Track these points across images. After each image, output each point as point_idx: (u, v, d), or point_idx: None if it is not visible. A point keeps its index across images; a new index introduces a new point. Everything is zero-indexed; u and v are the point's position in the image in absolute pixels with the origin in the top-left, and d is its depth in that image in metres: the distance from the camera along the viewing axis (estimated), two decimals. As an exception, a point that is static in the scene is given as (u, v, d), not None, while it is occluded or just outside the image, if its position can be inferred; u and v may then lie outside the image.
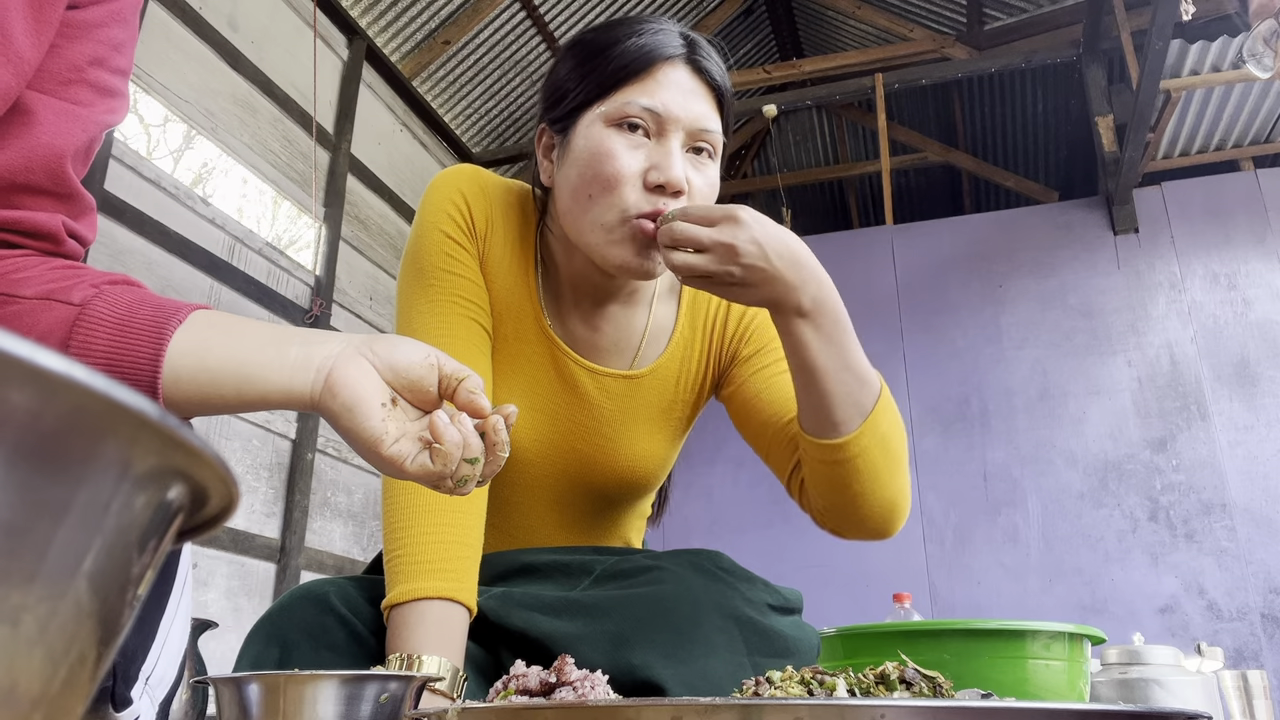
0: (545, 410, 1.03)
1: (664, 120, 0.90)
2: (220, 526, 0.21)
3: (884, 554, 3.84)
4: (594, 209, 0.91)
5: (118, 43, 0.71)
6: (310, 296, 3.69)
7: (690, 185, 0.91)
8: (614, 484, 1.06)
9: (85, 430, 0.15)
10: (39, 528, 0.15)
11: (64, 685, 0.16)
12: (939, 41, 5.10)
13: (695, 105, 0.92)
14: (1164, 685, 1.12)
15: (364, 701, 0.64)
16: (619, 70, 0.91)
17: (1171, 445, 3.74)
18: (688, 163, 0.92)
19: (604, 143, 0.90)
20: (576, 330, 1.04)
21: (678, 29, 0.96)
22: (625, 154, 0.89)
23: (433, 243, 0.99)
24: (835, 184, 6.97)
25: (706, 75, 0.94)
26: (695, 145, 0.92)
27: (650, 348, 1.06)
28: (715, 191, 0.95)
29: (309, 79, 3.77)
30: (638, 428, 1.05)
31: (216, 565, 3.11)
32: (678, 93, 0.91)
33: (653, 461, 1.07)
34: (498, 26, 4.64)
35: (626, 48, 0.92)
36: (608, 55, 0.93)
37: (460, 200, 1.00)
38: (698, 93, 0.93)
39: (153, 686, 0.65)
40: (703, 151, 0.93)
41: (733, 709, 0.38)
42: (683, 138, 0.91)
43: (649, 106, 0.90)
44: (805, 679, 0.61)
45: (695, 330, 1.07)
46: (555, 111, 0.97)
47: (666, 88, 0.91)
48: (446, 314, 0.97)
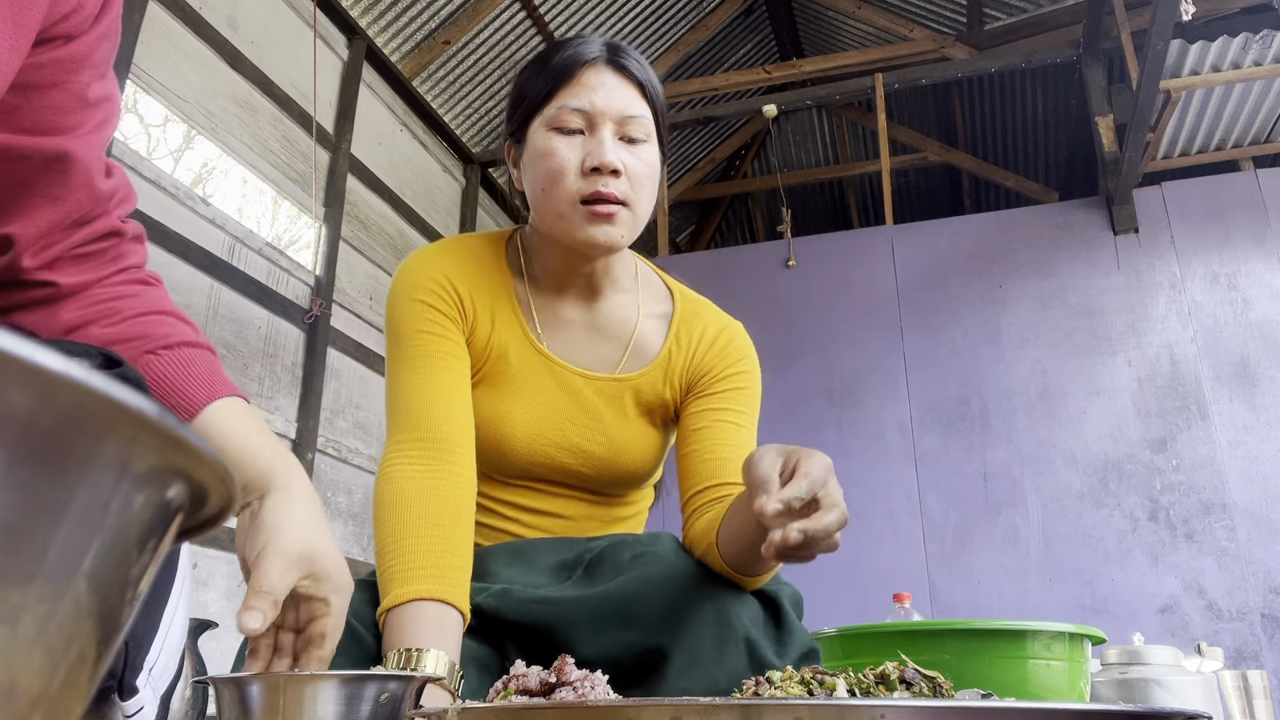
0: (550, 416, 1.14)
1: (591, 115, 1.05)
2: (220, 526, 0.21)
3: (884, 554, 3.84)
4: (550, 200, 1.06)
5: (107, 56, 0.74)
6: (310, 296, 3.69)
7: (626, 166, 1.04)
8: (614, 470, 1.16)
9: (85, 430, 0.15)
10: (39, 527, 0.15)
11: (63, 684, 0.16)
12: (939, 41, 5.10)
13: (619, 97, 1.06)
14: (1164, 685, 1.12)
15: (364, 701, 0.64)
16: (550, 81, 1.07)
17: (1171, 445, 3.74)
18: (621, 148, 1.05)
19: (547, 143, 1.06)
20: (570, 341, 1.17)
21: (601, 39, 1.11)
22: (564, 149, 1.05)
23: (411, 311, 1.11)
24: (835, 184, 6.97)
25: (626, 71, 1.08)
26: (626, 132, 1.06)
27: (636, 356, 1.18)
28: (655, 170, 1.09)
29: (309, 79, 3.77)
30: (626, 423, 1.16)
31: (216, 565, 3.11)
32: (601, 90, 1.06)
33: (643, 452, 1.17)
34: (498, 26, 4.64)
35: (555, 62, 1.08)
36: (542, 71, 1.09)
37: (437, 274, 1.13)
38: (620, 86, 1.07)
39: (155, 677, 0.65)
40: (635, 138, 1.07)
41: (733, 709, 0.38)
42: (612, 127, 1.05)
43: (576, 106, 1.05)
44: (805, 679, 0.61)
45: (680, 351, 1.18)
46: (511, 125, 1.14)
47: (592, 88, 1.06)
48: (430, 368, 1.08)
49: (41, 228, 0.72)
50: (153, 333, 0.75)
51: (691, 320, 1.19)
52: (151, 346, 0.74)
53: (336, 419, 3.85)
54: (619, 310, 1.17)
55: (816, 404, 4.12)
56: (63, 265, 0.75)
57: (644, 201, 1.07)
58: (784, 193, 5.27)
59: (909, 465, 3.97)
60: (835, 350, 4.17)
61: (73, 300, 0.76)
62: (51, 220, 0.72)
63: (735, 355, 1.18)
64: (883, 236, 4.36)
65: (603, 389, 1.15)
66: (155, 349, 0.74)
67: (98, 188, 0.75)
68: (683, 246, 7.25)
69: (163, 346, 0.75)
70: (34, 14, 0.64)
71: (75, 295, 0.76)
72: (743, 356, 1.19)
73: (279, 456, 0.76)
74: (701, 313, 1.20)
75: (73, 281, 0.75)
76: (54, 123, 0.70)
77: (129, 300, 0.77)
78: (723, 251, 4.82)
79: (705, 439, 1.12)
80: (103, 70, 0.73)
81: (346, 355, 3.92)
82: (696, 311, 1.20)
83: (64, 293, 0.75)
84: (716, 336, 1.18)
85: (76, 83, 0.70)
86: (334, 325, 3.79)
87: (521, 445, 1.12)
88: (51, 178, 0.71)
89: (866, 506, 3.92)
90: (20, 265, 0.73)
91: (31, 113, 0.68)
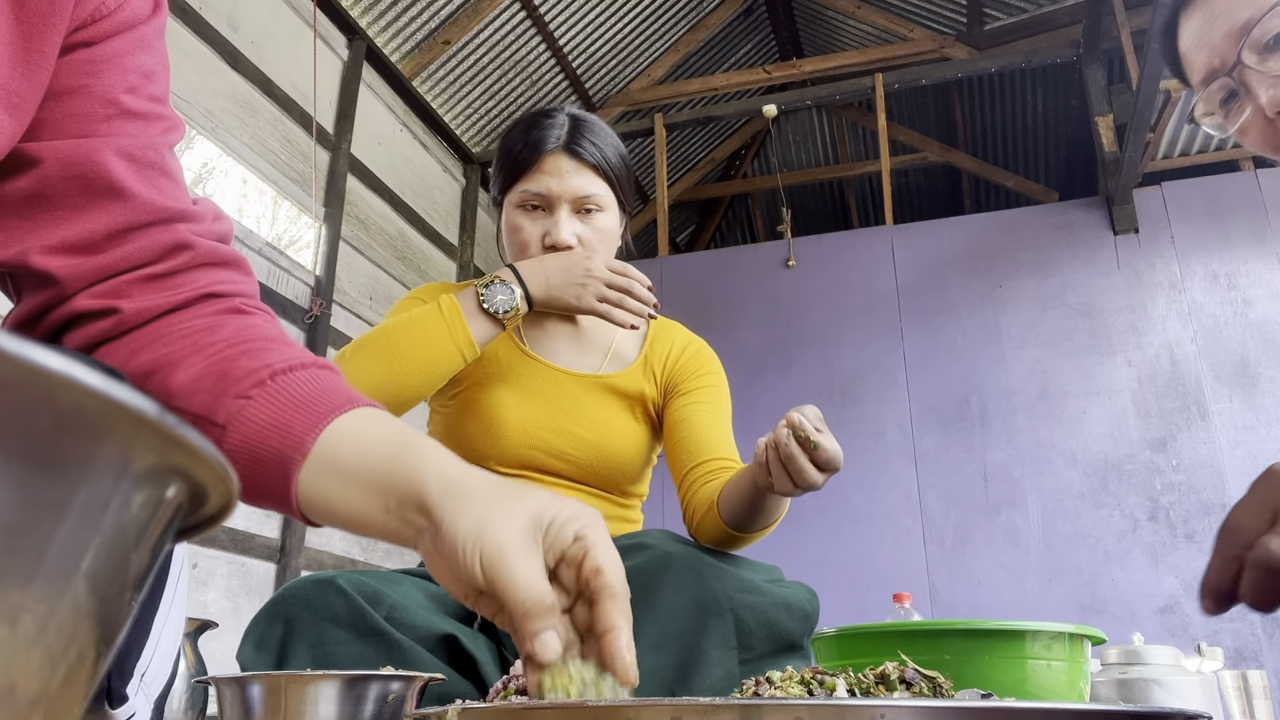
0: (540, 404, 1.26)
1: (549, 199, 1.22)
2: (219, 525, 0.21)
3: (884, 554, 3.84)
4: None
5: (147, 70, 0.68)
6: (310, 296, 3.69)
7: (580, 238, 1.22)
8: (604, 453, 1.25)
9: (84, 429, 0.15)
10: (39, 527, 0.15)
11: (63, 684, 0.16)
12: (939, 41, 5.10)
13: (573, 182, 1.22)
14: (1164, 685, 1.12)
15: (366, 702, 0.64)
16: (515, 167, 1.24)
17: (1171, 445, 3.74)
18: (576, 221, 1.23)
19: (514, 219, 1.25)
20: (555, 352, 1.31)
21: (566, 115, 1.26)
22: (528, 226, 1.24)
23: (401, 306, 1.27)
24: (835, 184, 6.97)
25: (580, 156, 1.23)
26: (582, 206, 1.23)
27: (615, 361, 1.32)
28: (610, 233, 1.25)
29: (309, 79, 3.77)
30: (611, 414, 1.28)
31: (216, 565, 3.11)
32: (557, 176, 1.22)
33: (626, 437, 1.27)
34: (498, 26, 4.64)
35: (521, 145, 1.24)
36: (510, 155, 1.25)
37: (434, 290, 1.28)
38: (576, 170, 1.23)
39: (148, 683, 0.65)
40: (590, 209, 1.23)
41: (733, 709, 0.38)
42: (569, 206, 1.22)
43: (537, 191, 1.22)
44: (805, 679, 0.61)
45: (656, 357, 1.33)
46: (493, 193, 1.32)
47: (550, 174, 1.22)
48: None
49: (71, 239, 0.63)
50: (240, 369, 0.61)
51: (664, 335, 1.35)
52: (242, 389, 0.60)
53: (336, 419, 3.84)
54: (599, 326, 1.34)
55: (816, 404, 4.11)
56: (124, 289, 0.64)
57: (599, 258, 1.23)
58: (784, 193, 5.27)
59: (909, 465, 3.97)
60: (835, 350, 4.17)
61: (145, 333, 0.64)
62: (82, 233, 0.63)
63: (703, 360, 1.33)
64: (883, 236, 4.36)
65: (585, 384, 1.28)
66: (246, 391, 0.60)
67: (142, 196, 0.65)
68: (683, 246, 7.25)
69: (254, 384, 0.60)
70: (47, 38, 0.60)
71: (147, 326, 0.64)
72: (710, 361, 1.34)
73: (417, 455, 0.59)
74: (671, 329, 1.37)
75: (138, 307, 0.64)
76: (80, 130, 0.63)
77: (212, 333, 0.64)
78: (723, 251, 4.82)
79: (687, 425, 1.26)
80: (134, 82, 0.66)
81: (346, 355, 3.92)
82: (667, 328, 1.37)
83: (129, 321, 0.64)
84: (685, 347, 1.34)
85: (99, 86, 0.64)
86: (334, 325, 3.79)
87: (515, 428, 1.23)
88: (72, 185, 0.63)
89: (866, 506, 3.92)
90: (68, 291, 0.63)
91: (54, 124, 0.62)
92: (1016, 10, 4.94)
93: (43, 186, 0.62)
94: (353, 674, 0.65)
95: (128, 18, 0.67)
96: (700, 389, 1.30)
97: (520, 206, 1.24)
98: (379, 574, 1.05)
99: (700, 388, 1.30)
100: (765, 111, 4.60)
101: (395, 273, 4.36)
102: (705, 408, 1.28)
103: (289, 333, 3.96)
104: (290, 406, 0.59)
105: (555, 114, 1.27)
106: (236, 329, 0.64)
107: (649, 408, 1.31)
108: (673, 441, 1.27)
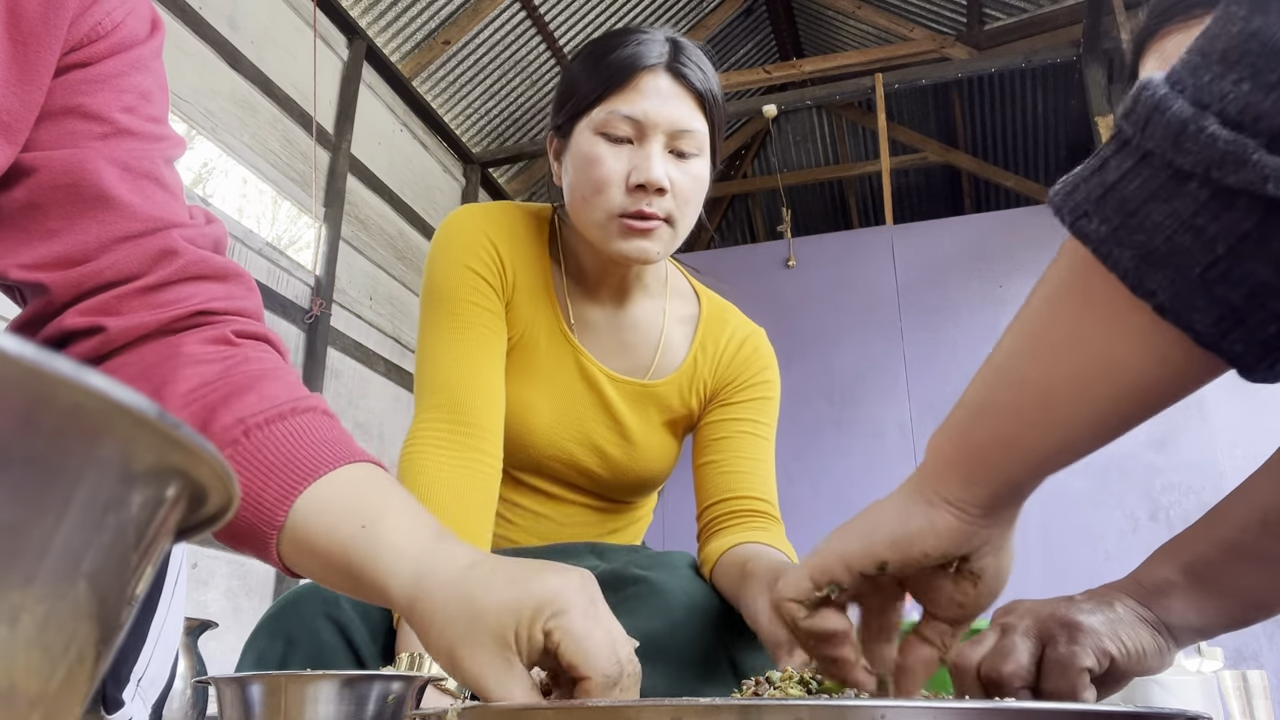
0: (573, 411, 1.11)
1: (644, 126, 0.99)
2: (219, 525, 0.21)
3: (884, 554, 3.83)
4: (587, 208, 1.01)
5: (144, 90, 0.67)
6: (310, 296, 3.69)
7: (673, 183, 1.00)
8: (628, 476, 1.14)
9: (83, 429, 0.15)
10: (39, 527, 0.15)
11: (62, 685, 0.16)
12: (939, 41, 5.10)
13: (675, 109, 1.00)
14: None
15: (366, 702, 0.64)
16: (605, 81, 1.00)
17: (1171, 445, 3.74)
18: (670, 162, 1.00)
19: (593, 149, 1.00)
20: (600, 341, 1.13)
21: (665, 36, 1.04)
22: (610, 159, 0.99)
23: (460, 278, 1.06)
24: (835, 184, 6.97)
25: (686, 80, 1.01)
26: (677, 146, 1.01)
27: (664, 363, 1.15)
28: (703, 185, 1.04)
29: (309, 79, 3.77)
30: (649, 430, 1.14)
31: (216, 565, 3.11)
32: (657, 99, 0.99)
33: (661, 460, 1.15)
34: (498, 26, 4.64)
35: (612, 60, 1.01)
36: (597, 68, 1.02)
37: (485, 240, 1.08)
38: (678, 96, 1.01)
39: (144, 688, 0.64)
40: (686, 152, 1.01)
41: (733, 709, 0.38)
42: (664, 140, 1.00)
43: (629, 115, 0.99)
44: (805, 679, 0.61)
45: (706, 358, 1.16)
46: (557, 119, 1.07)
47: (647, 95, 0.99)
48: (470, 343, 1.04)
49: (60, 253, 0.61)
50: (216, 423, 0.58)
51: (717, 326, 1.17)
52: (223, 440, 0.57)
53: (336, 419, 3.85)
54: (645, 315, 1.15)
55: (816, 404, 4.12)
56: (113, 305, 0.61)
57: (687, 218, 1.04)
58: (784, 193, 5.27)
59: (909, 465, 3.97)
60: (835, 350, 4.17)
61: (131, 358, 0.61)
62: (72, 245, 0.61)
63: (759, 364, 1.16)
64: (883, 236, 4.36)
65: (628, 393, 1.13)
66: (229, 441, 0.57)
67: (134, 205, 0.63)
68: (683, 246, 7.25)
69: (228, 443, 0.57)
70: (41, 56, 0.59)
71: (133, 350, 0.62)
72: (766, 366, 1.17)
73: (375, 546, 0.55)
74: (728, 318, 1.19)
75: (125, 325, 0.61)
76: (74, 145, 0.62)
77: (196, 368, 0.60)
78: (723, 251, 4.82)
79: (725, 450, 1.10)
80: (131, 102, 0.65)
81: (347, 355, 3.92)
82: (722, 317, 1.19)
83: (116, 341, 0.61)
84: (742, 344, 1.17)
85: (95, 105, 0.63)
86: (334, 325, 3.79)
87: (542, 438, 1.10)
88: (63, 195, 0.61)
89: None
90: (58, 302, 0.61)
91: (48, 143, 0.61)
92: (1016, 10, 4.94)
93: (36, 196, 0.61)
94: (353, 674, 0.65)
95: (124, 38, 0.66)
96: (750, 402, 1.14)
97: (602, 134, 1.00)
98: None
99: (750, 400, 1.14)
100: (765, 111, 4.60)
101: (395, 273, 4.36)
102: (749, 429, 1.12)
103: (289, 332, 3.91)
104: (263, 472, 0.57)
105: (651, 30, 1.04)
106: (222, 369, 0.61)
107: (692, 420, 1.17)
108: (701, 461, 1.12)
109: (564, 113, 1.05)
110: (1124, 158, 0.42)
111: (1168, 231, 0.40)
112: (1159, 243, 0.40)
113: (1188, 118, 0.39)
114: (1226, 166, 0.38)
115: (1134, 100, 0.42)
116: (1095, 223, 0.42)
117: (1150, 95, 0.41)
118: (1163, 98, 0.41)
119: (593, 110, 1.01)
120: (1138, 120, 0.42)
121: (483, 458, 1.00)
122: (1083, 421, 0.47)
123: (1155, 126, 0.40)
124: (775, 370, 1.19)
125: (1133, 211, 0.41)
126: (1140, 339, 0.42)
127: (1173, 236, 0.40)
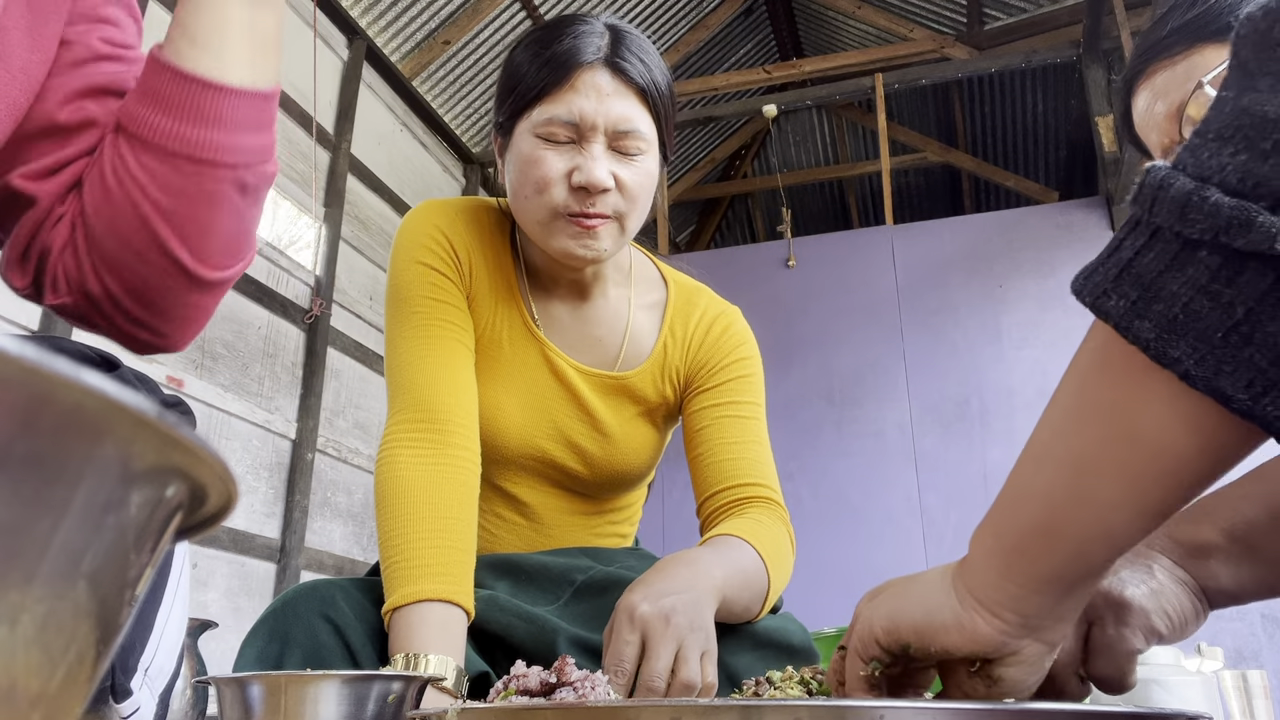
0: (543, 409, 1.09)
1: (582, 128, 0.95)
2: (219, 525, 0.21)
3: (883, 553, 3.84)
4: (529, 208, 0.98)
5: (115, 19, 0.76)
6: (310, 296, 3.69)
7: (618, 180, 0.96)
8: (608, 472, 1.11)
9: (83, 429, 0.15)
10: (38, 527, 0.15)
11: (62, 685, 0.16)
12: (939, 41, 5.10)
13: (614, 107, 0.95)
14: (1164, 685, 1.12)
15: (366, 702, 0.64)
16: (541, 81, 0.96)
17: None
18: (614, 160, 0.96)
19: (533, 151, 0.96)
20: (565, 334, 1.10)
21: (605, 24, 0.99)
22: (551, 159, 0.95)
23: (415, 275, 1.03)
24: (835, 184, 6.97)
25: (625, 75, 0.96)
26: (620, 145, 0.96)
27: (632, 353, 1.12)
28: (652, 179, 1.00)
29: (309, 79, 3.77)
30: (624, 423, 1.11)
31: (216, 565, 3.11)
32: (595, 98, 0.95)
33: (641, 453, 1.12)
34: (498, 26, 4.64)
35: (549, 56, 0.96)
36: (534, 63, 0.97)
37: (438, 234, 1.05)
38: (618, 93, 0.96)
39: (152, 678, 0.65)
40: (630, 151, 0.97)
41: (732, 709, 0.38)
42: (605, 140, 0.96)
43: (567, 120, 0.95)
44: (805, 679, 0.61)
45: (675, 343, 1.12)
46: (499, 115, 1.03)
47: (585, 95, 0.95)
48: (434, 340, 1.01)
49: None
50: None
51: (686, 309, 1.13)
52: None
53: (336, 419, 3.85)
54: (609, 306, 1.11)
55: (816, 404, 4.12)
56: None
57: (636, 214, 0.99)
58: (784, 193, 5.27)
59: (909, 465, 3.97)
60: (835, 350, 4.17)
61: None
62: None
63: (733, 343, 1.12)
64: (883, 236, 4.36)
65: (599, 386, 1.09)
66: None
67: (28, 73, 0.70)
68: (682, 246, 7.25)
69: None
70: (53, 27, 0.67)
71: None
72: (741, 343, 1.13)
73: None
74: (696, 300, 1.15)
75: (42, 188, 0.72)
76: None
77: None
78: (723, 251, 4.82)
79: (711, 439, 1.07)
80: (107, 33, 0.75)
81: (347, 355, 3.92)
82: (691, 300, 1.15)
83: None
84: (712, 324, 1.13)
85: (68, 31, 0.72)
86: (334, 325, 3.79)
87: (515, 438, 1.06)
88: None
89: (866, 507, 3.92)
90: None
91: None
92: (1016, 10, 4.94)
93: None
94: (353, 674, 0.65)
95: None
96: (728, 384, 1.09)
97: (541, 137, 0.96)
98: (377, 583, 0.98)
99: (728, 381, 1.09)
100: (765, 111, 4.60)
101: (395, 273, 4.36)
102: (733, 412, 1.08)
103: (289, 332, 3.90)
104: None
105: (590, 20, 0.99)
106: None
107: (669, 408, 1.13)
108: (694, 454, 1.08)
109: (504, 110, 1.01)
110: (1136, 236, 0.43)
111: (1185, 299, 0.41)
112: (1177, 310, 0.41)
113: (1191, 190, 0.40)
114: (1234, 230, 0.39)
115: (1140, 184, 0.44)
116: (1115, 299, 0.43)
117: (1154, 177, 0.43)
118: (1165, 176, 0.42)
119: (531, 111, 0.97)
120: (1145, 200, 0.43)
121: (457, 453, 0.98)
122: (1119, 499, 0.45)
123: (1161, 203, 0.42)
124: (752, 346, 1.15)
125: (1149, 284, 0.42)
126: (1168, 408, 0.43)
127: (1190, 303, 0.40)
